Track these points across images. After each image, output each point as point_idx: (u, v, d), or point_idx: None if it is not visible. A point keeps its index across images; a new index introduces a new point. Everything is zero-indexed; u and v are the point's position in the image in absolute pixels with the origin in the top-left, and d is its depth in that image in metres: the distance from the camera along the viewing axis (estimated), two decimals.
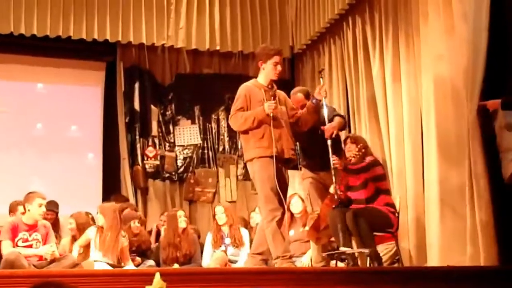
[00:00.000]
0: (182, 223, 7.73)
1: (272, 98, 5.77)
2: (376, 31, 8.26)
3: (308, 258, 7.04)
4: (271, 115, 5.66)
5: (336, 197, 5.98)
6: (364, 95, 8.52)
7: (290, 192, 8.12)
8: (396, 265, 6.64)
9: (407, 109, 7.52)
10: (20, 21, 9.12)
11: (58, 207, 8.46)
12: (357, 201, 6.02)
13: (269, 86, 5.94)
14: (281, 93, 6.03)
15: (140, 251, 7.75)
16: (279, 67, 5.92)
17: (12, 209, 7.53)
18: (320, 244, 6.54)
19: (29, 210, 6.49)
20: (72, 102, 10.12)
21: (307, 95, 6.56)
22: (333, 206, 6.00)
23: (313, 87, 9.97)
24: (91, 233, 7.09)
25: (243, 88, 5.96)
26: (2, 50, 9.69)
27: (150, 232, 8.63)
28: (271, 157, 5.64)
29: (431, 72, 7.00)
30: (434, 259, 6.60)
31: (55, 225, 8.19)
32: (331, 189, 6.03)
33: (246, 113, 5.79)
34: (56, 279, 3.72)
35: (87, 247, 7.09)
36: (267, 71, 5.93)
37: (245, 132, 5.83)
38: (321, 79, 6.28)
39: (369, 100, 8.40)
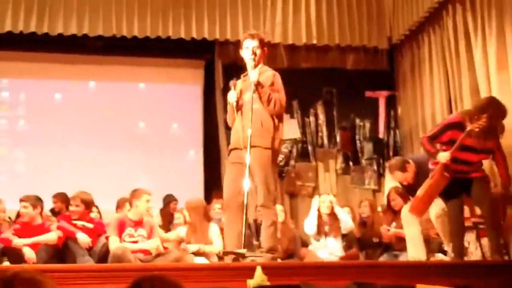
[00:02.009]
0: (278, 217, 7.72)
1: (233, 86, 5.54)
2: (478, 19, 7.98)
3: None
4: (234, 104, 5.50)
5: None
6: (466, 85, 8.26)
7: (391, 185, 8.00)
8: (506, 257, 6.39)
9: None
10: (122, 23, 9.41)
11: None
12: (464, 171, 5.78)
13: (245, 75, 5.64)
14: (265, 75, 5.56)
15: None
16: (249, 51, 5.50)
17: (120, 205, 7.77)
18: (422, 218, 6.34)
19: (137, 206, 6.66)
20: (173, 100, 10.36)
21: (403, 167, 6.43)
22: (446, 178, 5.75)
23: (413, 79, 9.84)
24: (181, 231, 7.23)
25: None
26: (106, 52, 10.03)
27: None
28: (234, 149, 5.52)
29: None
30: None
31: (172, 216, 8.46)
32: (442, 157, 5.73)
33: (228, 110, 5.73)
34: (160, 272, 3.81)
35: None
36: (245, 60, 5.62)
37: None
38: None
39: (471, 90, 8.14)
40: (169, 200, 8.69)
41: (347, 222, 7.51)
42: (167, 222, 8.43)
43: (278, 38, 9.91)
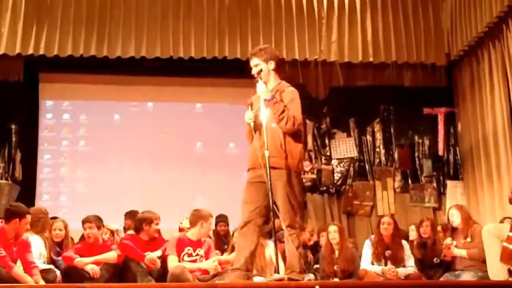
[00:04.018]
0: (332, 238, 7.63)
1: (250, 106, 5.41)
2: None
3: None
4: (252, 124, 5.32)
5: None
6: None
7: (452, 203, 7.82)
8: None
9: None
10: (179, 45, 9.54)
11: (227, 219, 8.77)
12: None
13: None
14: (283, 92, 5.40)
15: None
16: (253, 70, 5.40)
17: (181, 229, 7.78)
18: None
19: (204, 227, 6.70)
20: (229, 119, 10.39)
21: None
22: None
23: (472, 95, 9.67)
24: None
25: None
26: (163, 74, 10.17)
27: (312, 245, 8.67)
28: (252, 168, 5.36)
29: None
30: None
31: (227, 236, 8.47)
32: None
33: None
34: None
35: None
36: None
37: None
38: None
39: None
40: (217, 221, 8.69)
41: (408, 269, 7.25)
42: (219, 242, 8.42)
43: (334, 56, 9.88)
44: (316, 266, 7.86)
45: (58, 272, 6.54)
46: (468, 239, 6.96)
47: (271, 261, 6.96)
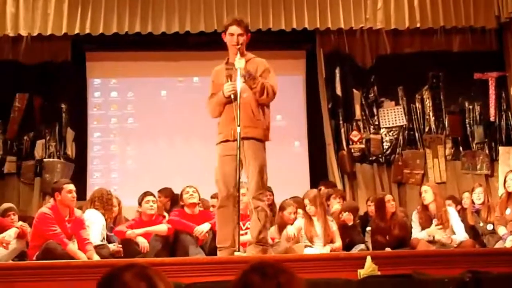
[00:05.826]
0: (390, 207, 7.58)
1: (229, 78, 5.32)
2: None
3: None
4: (232, 97, 5.24)
5: None
6: None
7: (505, 169, 7.67)
8: None
9: None
10: (222, 18, 9.43)
11: (271, 189, 8.76)
12: None
13: (229, 62, 5.44)
14: (255, 63, 5.47)
15: None
16: (235, 38, 5.34)
17: None
18: None
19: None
20: None
21: None
22: None
23: None
24: (299, 222, 7.14)
25: (212, 74, 5.57)
26: (208, 48, 10.14)
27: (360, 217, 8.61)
28: (225, 141, 5.34)
29: None
30: None
31: (272, 206, 8.48)
32: None
33: (212, 100, 5.47)
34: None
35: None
36: (228, 45, 5.43)
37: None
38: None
39: None
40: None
41: (459, 236, 7.12)
42: None
43: (380, 24, 9.71)
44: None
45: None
46: None
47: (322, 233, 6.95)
